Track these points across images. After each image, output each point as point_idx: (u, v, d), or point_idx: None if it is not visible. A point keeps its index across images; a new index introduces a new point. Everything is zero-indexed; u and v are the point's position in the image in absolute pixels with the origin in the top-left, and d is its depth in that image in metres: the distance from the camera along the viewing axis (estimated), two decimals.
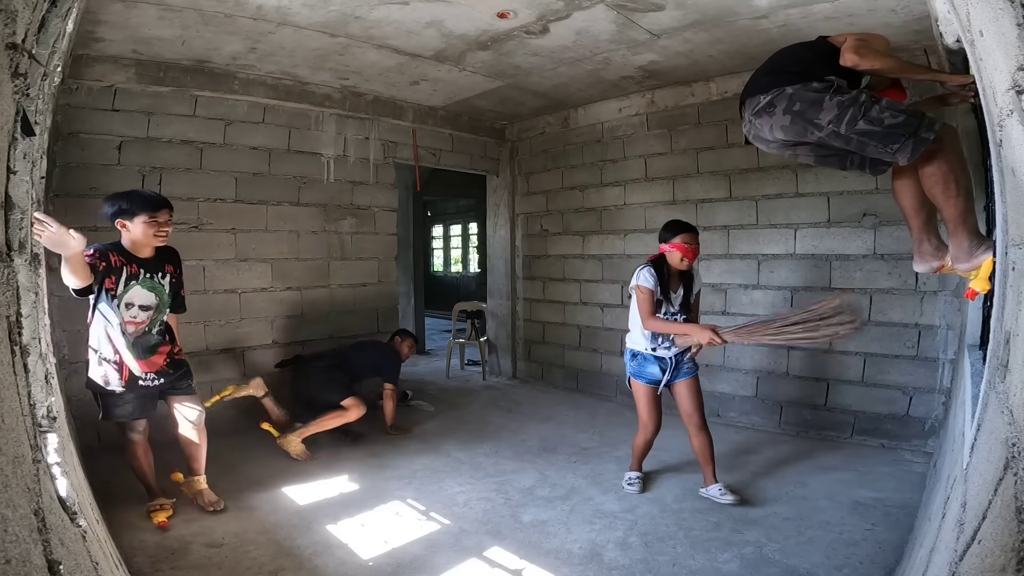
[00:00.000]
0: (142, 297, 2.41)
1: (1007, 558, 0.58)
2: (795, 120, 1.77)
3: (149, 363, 2.43)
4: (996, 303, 0.99)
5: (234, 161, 3.82)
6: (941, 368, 3.22)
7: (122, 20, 2.82)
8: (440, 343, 7.52)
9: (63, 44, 1.40)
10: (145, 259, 2.42)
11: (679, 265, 2.65)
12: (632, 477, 2.89)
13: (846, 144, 1.74)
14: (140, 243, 2.38)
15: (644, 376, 2.74)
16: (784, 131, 1.82)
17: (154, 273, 2.45)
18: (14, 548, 0.62)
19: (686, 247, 2.61)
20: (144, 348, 2.42)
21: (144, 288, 2.41)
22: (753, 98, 1.88)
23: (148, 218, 2.34)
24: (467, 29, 3.12)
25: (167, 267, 2.51)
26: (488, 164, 5.53)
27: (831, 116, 1.71)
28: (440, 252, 13.99)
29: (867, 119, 1.66)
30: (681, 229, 2.65)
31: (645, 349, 2.72)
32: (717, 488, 2.67)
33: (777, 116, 1.81)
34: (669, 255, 2.67)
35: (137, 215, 2.33)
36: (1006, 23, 0.66)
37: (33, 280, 1.16)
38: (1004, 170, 0.83)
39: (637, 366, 2.75)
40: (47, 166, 2.50)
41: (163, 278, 2.49)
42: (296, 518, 2.55)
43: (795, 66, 1.83)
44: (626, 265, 4.61)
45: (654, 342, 2.69)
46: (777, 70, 1.87)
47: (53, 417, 1.31)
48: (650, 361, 2.72)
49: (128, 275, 2.36)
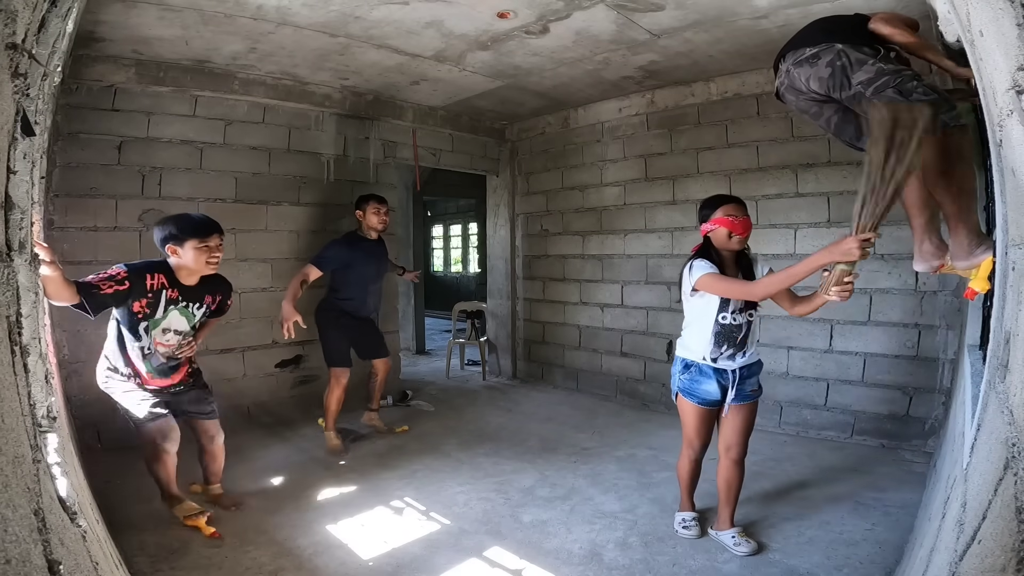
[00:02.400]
0: (178, 322, 2.36)
1: (1007, 558, 0.58)
2: (834, 74, 1.78)
3: (172, 378, 2.41)
4: (996, 303, 0.99)
5: (234, 161, 3.82)
6: (941, 368, 3.22)
7: (122, 20, 2.82)
8: (440, 343, 7.52)
9: (63, 44, 1.40)
10: (189, 287, 2.35)
11: (729, 245, 2.12)
12: (687, 520, 2.40)
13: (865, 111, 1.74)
14: (191, 269, 2.31)
15: (697, 394, 2.19)
16: (820, 83, 1.84)
17: (191, 302, 2.37)
18: (14, 548, 0.62)
19: (733, 220, 2.09)
20: (166, 369, 2.38)
21: (181, 315, 2.36)
22: (799, 50, 1.90)
23: (199, 243, 2.27)
24: (467, 29, 3.12)
25: (207, 298, 2.43)
26: (488, 164, 5.53)
27: (866, 78, 1.71)
28: (440, 252, 13.98)
29: (897, 89, 1.66)
30: (723, 200, 2.16)
31: (703, 359, 2.17)
32: (731, 535, 2.27)
33: (819, 67, 1.82)
34: (714, 235, 2.14)
35: (187, 240, 2.25)
36: (1006, 23, 0.66)
37: (33, 280, 1.16)
38: (1004, 170, 0.83)
39: (689, 380, 2.21)
40: (47, 166, 2.50)
41: (198, 308, 2.42)
42: (296, 518, 2.55)
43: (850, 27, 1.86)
44: (626, 265, 4.62)
45: (716, 350, 2.15)
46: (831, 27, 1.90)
47: (53, 417, 1.31)
48: (707, 375, 2.16)
49: (167, 299, 2.28)
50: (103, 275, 2.11)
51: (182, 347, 2.40)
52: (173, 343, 2.36)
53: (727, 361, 2.16)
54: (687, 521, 2.41)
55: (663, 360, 4.36)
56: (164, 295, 2.26)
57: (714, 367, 2.16)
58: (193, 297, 2.37)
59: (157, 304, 2.25)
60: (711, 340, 2.14)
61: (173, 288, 2.29)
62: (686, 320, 2.26)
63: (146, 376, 2.33)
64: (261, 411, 3.95)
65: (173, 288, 2.29)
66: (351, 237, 3.55)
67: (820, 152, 3.60)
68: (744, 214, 2.12)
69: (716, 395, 2.17)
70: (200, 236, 2.28)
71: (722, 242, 2.13)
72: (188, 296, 2.35)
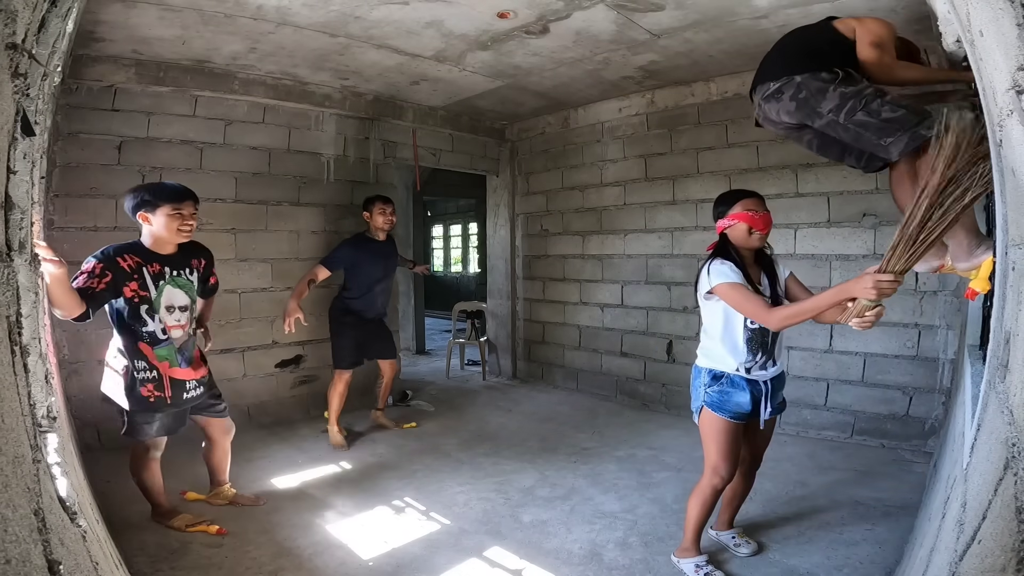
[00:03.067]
0: (178, 297, 2.27)
1: (1007, 558, 0.58)
2: (799, 107, 1.82)
3: (194, 369, 2.32)
4: (996, 303, 0.98)
5: (234, 161, 3.82)
6: (941, 368, 3.22)
7: (122, 20, 2.82)
8: (440, 343, 7.52)
9: (63, 44, 1.40)
10: (168, 255, 2.24)
11: (749, 242, 1.94)
12: (702, 564, 2.08)
13: (844, 134, 1.78)
14: (163, 239, 2.21)
15: (728, 408, 1.95)
16: (790, 116, 1.87)
17: (180, 270, 2.28)
18: (14, 548, 0.62)
19: (753, 215, 1.92)
20: (188, 355, 2.30)
21: (175, 287, 2.25)
22: (764, 85, 1.92)
23: (172, 210, 2.17)
24: (467, 29, 3.11)
25: (193, 262, 2.35)
26: (488, 164, 5.53)
27: (832, 105, 1.75)
28: (440, 252, 13.98)
29: (866, 111, 1.69)
30: (742, 195, 1.97)
31: (735, 369, 1.95)
32: (731, 535, 2.27)
33: (784, 102, 1.85)
34: (732, 232, 1.95)
35: (160, 207, 2.16)
36: (1006, 23, 0.66)
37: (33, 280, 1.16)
38: (1004, 170, 0.83)
39: (718, 393, 1.96)
40: (47, 166, 2.50)
41: (191, 274, 2.32)
42: (296, 518, 2.55)
43: (804, 53, 1.87)
44: (626, 265, 4.62)
45: (751, 358, 1.94)
46: (787, 57, 1.90)
47: (53, 417, 1.31)
48: (740, 386, 1.95)
49: (152, 275, 2.18)
50: (83, 276, 2.02)
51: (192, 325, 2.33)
52: (184, 322, 2.29)
53: (760, 371, 1.95)
54: (705, 567, 2.08)
55: (663, 360, 4.36)
56: (146, 273, 2.16)
57: (747, 378, 1.94)
58: (178, 264, 2.27)
59: (145, 284, 2.16)
60: (744, 348, 1.93)
61: (151, 263, 2.18)
62: (705, 325, 2.04)
63: (163, 365, 2.21)
64: (261, 411, 3.95)
65: (151, 263, 2.18)
66: (359, 238, 3.65)
67: None
68: (764, 209, 1.95)
69: (749, 407, 1.95)
70: (174, 202, 2.19)
71: (741, 239, 1.94)
72: (173, 264, 2.25)
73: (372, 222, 3.62)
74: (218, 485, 2.65)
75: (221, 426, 2.55)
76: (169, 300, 2.23)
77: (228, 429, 2.59)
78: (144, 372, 2.19)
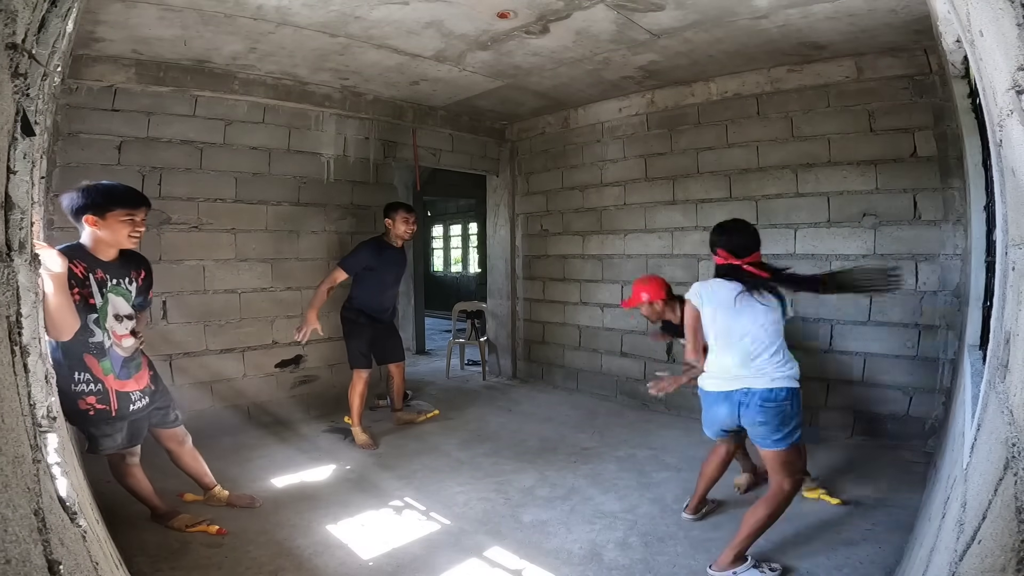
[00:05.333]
0: (121, 305, 2.12)
1: (1007, 558, 0.58)
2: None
3: (137, 380, 2.18)
4: (996, 303, 0.99)
5: (234, 161, 3.82)
6: (941, 368, 3.22)
7: (122, 20, 2.82)
8: (440, 343, 7.52)
9: (63, 44, 1.40)
10: (109, 263, 2.09)
11: None
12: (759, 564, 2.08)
13: None
14: (107, 243, 2.04)
15: None
16: None
17: (120, 279, 2.13)
18: (14, 548, 0.62)
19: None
20: (131, 368, 2.16)
21: (117, 295, 2.10)
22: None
23: (125, 215, 2.02)
24: (467, 29, 3.11)
25: (132, 272, 2.18)
26: (488, 164, 5.53)
27: None
28: (440, 252, 13.98)
29: None
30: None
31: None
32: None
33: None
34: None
35: (111, 211, 1.99)
36: (1006, 23, 0.66)
37: (33, 280, 1.16)
38: (1004, 170, 0.83)
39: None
40: (47, 166, 2.49)
41: (130, 284, 2.17)
42: (296, 518, 2.55)
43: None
44: (626, 265, 4.62)
45: None
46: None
47: (53, 417, 1.30)
48: None
49: (98, 282, 2.03)
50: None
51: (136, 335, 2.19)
52: (128, 332, 2.15)
53: None
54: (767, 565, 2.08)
55: (663, 360, 4.36)
56: (92, 279, 2.00)
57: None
58: (119, 273, 2.12)
59: (92, 292, 2.00)
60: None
61: (96, 268, 2.02)
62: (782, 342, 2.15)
63: (108, 379, 2.07)
64: (261, 411, 3.95)
65: (96, 268, 2.02)
66: (379, 243, 3.67)
67: (820, 152, 3.60)
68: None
69: None
70: (128, 207, 2.03)
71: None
72: (115, 273, 2.10)
73: (394, 229, 3.63)
74: (207, 489, 2.62)
75: (175, 437, 2.44)
76: (115, 308, 2.10)
77: (182, 439, 2.47)
78: (86, 384, 2.04)
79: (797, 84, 3.67)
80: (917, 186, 3.27)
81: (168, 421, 2.39)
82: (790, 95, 3.71)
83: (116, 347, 2.10)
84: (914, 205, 3.29)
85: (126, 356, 2.13)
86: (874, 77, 3.38)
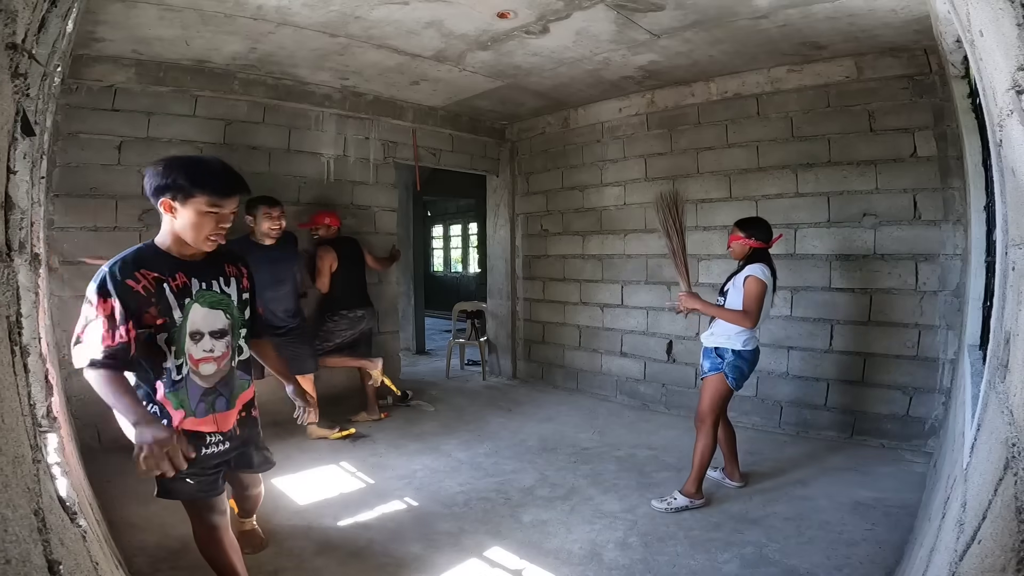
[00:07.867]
0: (209, 320, 1.60)
1: (1007, 558, 0.58)
2: None
3: (219, 420, 1.65)
4: (996, 303, 0.99)
5: (234, 161, 3.80)
6: (941, 368, 3.22)
7: (122, 20, 2.82)
8: (440, 343, 7.52)
9: (63, 44, 1.40)
10: (194, 263, 1.59)
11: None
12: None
13: None
14: (185, 241, 1.54)
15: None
16: None
17: (210, 280, 1.61)
18: (14, 548, 0.62)
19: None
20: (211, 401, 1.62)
21: (204, 306, 1.59)
22: None
23: (210, 204, 1.49)
24: (467, 29, 3.12)
25: (229, 268, 1.69)
26: (488, 164, 5.53)
27: None
28: (440, 252, 13.98)
29: None
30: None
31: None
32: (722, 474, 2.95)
33: None
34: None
35: (196, 196, 1.48)
36: (1006, 23, 0.66)
37: (33, 280, 1.16)
38: (1004, 170, 0.83)
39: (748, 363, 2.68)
40: (47, 166, 2.49)
41: (226, 284, 1.66)
42: (296, 518, 2.55)
43: None
44: (626, 265, 4.62)
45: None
46: None
47: (53, 417, 1.31)
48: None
49: (175, 293, 1.52)
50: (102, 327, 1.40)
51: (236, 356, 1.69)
52: (220, 352, 1.62)
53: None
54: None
55: (663, 360, 4.36)
56: (167, 290, 1.50)
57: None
58: (208, 273, 1.61)
59: (167, 307, 1.51)
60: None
61: (174, 274, 1.53)
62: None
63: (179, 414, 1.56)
64: (261, 411, 3.92)
65: (174, 274, 1.53)
66: (245, 243, 3.26)
67: (820, 152, 3.60)
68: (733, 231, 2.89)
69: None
70: (216, 194, 1.50)
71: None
72: (201, 274, 1.59)
73: (257, 227, 3.30)
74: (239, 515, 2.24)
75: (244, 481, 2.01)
76: (195, 325, 1.57)
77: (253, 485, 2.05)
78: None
79: (797, 84, 3.67)
80: (917, 186, 3.27)
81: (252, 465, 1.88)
82: (790, 95, 3.71)
83: (193, 375, 1.58)
84: (914, 205, 3.29)
85: (206, 387, 1.61)
86: (874, 77, 3.38)
